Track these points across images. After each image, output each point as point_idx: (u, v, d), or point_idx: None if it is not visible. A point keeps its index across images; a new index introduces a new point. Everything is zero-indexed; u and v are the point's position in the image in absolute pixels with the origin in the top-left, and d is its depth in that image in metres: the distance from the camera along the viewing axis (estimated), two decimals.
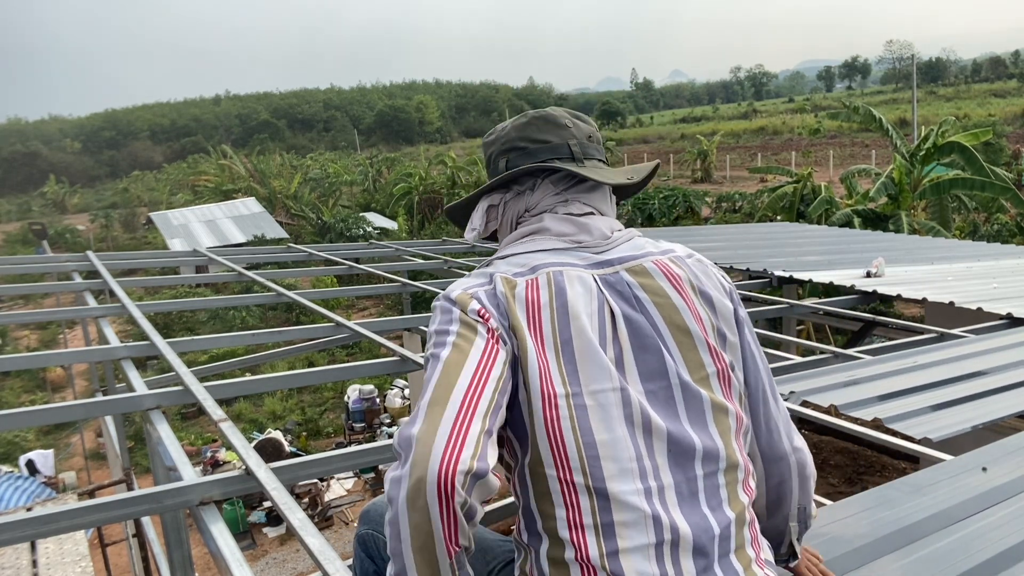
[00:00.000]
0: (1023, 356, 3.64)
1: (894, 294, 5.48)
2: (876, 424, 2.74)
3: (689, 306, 1.19)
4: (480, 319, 1.11)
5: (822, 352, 4.18)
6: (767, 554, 1.21)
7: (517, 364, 1.10)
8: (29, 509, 4.36)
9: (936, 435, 2.55)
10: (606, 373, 1.10)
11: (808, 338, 10.42)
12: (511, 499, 3.34)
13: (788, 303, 5.75)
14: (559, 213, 1.27)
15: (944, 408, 2.89)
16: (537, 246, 1.23)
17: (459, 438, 0.97)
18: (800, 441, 1.31)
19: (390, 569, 1.00)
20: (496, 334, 1.10)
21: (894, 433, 2.68)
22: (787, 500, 1.33)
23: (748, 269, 6.84)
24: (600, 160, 1.33)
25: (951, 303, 5.03)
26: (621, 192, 1.39)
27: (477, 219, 1.33)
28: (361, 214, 28.25)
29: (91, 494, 5.57)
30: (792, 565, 1.46)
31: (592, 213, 1.29)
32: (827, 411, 2.98)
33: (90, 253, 7.33)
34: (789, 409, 3.03)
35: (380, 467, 9.90)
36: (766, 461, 1.29)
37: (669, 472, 1.09)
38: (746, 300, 6.34)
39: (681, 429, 1.12)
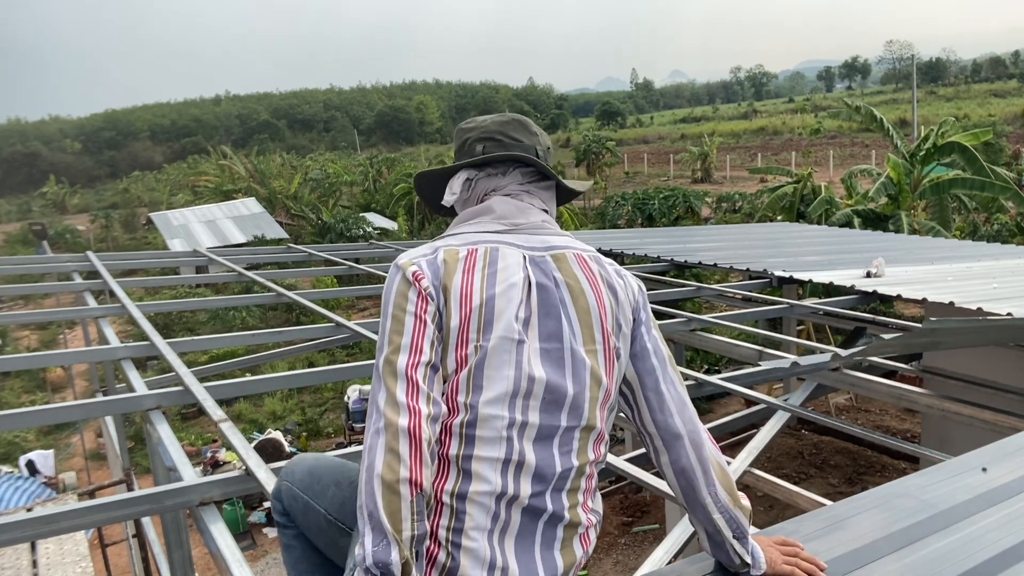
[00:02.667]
0: None
1: (894, 294, 5.48)
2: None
3: (595, 291, 1.42)
4: (415, 281, 1.35)
5: (822, 352, 4.18)
6: (596, 505, 1.42)
7: (442, 316, 1.35)
8: (29, 509, 4.36)
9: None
10: (511, 328, 1.34)
11: (808, 338, 10.41)
12: None
13: (788, 303, 5.76)
14: (512, 196, 1.51)
15: None
16: (482, 228, 1.46)
17: (414, 391, 1.27)
18: (696, 425, 1.46)
19: (362, 509, 1.21)
20: (425, 292, 1.34)
21: (894, 433, 2.68)
22: (696, 485, 1.44)
23: (748, 269, 6.84)
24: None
25: (951, 303, 5.02)
26: (563, 197, 1.65)
27: (457, 186, 1.54)
28: (361, 214, 28.24)
29: (91, 494, 5.57)
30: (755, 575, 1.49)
31: (534, 206, 1.52)
32: (827, 412, 2.96)
33: (90, 253, 7.33)
34: (794, 410, 3.02)
35: None
36: (664, 440, 1.45)
37: (538, 415, 1.33)
38: (746, 300, 6.35)
39: (561, 380, 1.35)
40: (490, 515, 1.29)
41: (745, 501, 1.52)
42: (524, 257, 1.41)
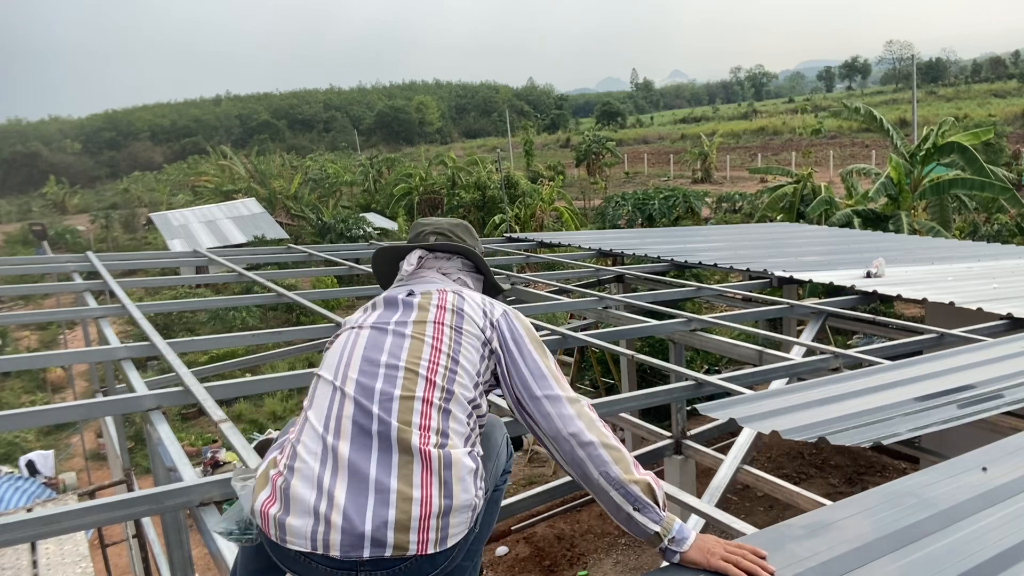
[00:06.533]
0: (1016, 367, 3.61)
1: (894, 294, 5.48)
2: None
3: (440, 304, 1.81)
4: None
5: (822, 352, 4.18)
6: (454, 445, 1.57)
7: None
8: (29, 510, 4.36)
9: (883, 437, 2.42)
10: (355, 321, 1.84)
11: None
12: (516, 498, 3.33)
13: (788, 303, 5.75)
14: (440, 270, 2.05)
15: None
16: (397, 283, 2.00)
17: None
18: (574, 428, 1.65)
19: None
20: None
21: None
22: (586, 469, 1.62)
23: (748, 269, 6.84)
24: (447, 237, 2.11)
25: (951, 303, 5.02)
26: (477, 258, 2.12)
27: (415, 259, 2.03)
28: (361, 214, 28.23)
29: (91, 495, 5.57)
30: (680, 555, 1.58)
31: (435, 273, 2.02)
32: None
33: (90, 254, 7.32)
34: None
35: None
36: (551, 440, 1.69)
37: (361, 352, 1.70)
38: (746, 300, 6.34)
39: (382, 339, 1.73)
40: (320, 442, 1.56)
41: (642, 475, 1.61)
42: (399, 293, 1.89)
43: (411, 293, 1.87)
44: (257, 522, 1.56)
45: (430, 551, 1.48)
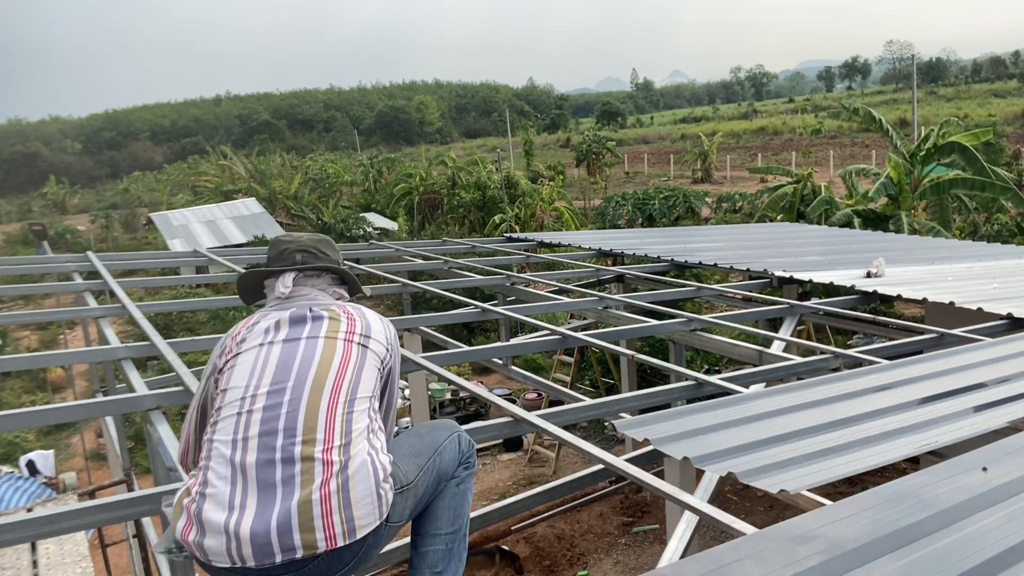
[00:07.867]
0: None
1: (894, 294, 5.48)
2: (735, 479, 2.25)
3: (347, 317, 1.98)
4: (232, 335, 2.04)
5: (822, 352, 4.18)
6: (354, 454, 1.72)
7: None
8: (30, 510, 4.36)
9: (793, 487, 2.13)
10: (256, 340, 1.91)
11: (808, 338, 10.40)
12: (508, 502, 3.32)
13: (788, 303, 5.75)
14: (315, 288, 2.13)
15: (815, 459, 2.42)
16: (271, 305, 2.07)
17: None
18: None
19: None
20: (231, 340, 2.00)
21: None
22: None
23: (748, 269, 6.84)
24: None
25: (951, 303, 5.02)
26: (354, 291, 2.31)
27: (290, 280, 2.09)
28: (361, 214, 28.26)
29: (92, 495, 5.56)
30: None
31: (320, 297, 2.11)
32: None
33: (90, 254, 7.32)
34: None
35: None
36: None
37: (264, 398, 1.76)
38: (746, 300, 6.34)
39: (291, 357, 1.84)
40: (228, 465, 1.68)
41: None
42: (289, 311, 1.98)
43: (311, 310, 1.99)
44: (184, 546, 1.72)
45: (339, 544, 1.64)
